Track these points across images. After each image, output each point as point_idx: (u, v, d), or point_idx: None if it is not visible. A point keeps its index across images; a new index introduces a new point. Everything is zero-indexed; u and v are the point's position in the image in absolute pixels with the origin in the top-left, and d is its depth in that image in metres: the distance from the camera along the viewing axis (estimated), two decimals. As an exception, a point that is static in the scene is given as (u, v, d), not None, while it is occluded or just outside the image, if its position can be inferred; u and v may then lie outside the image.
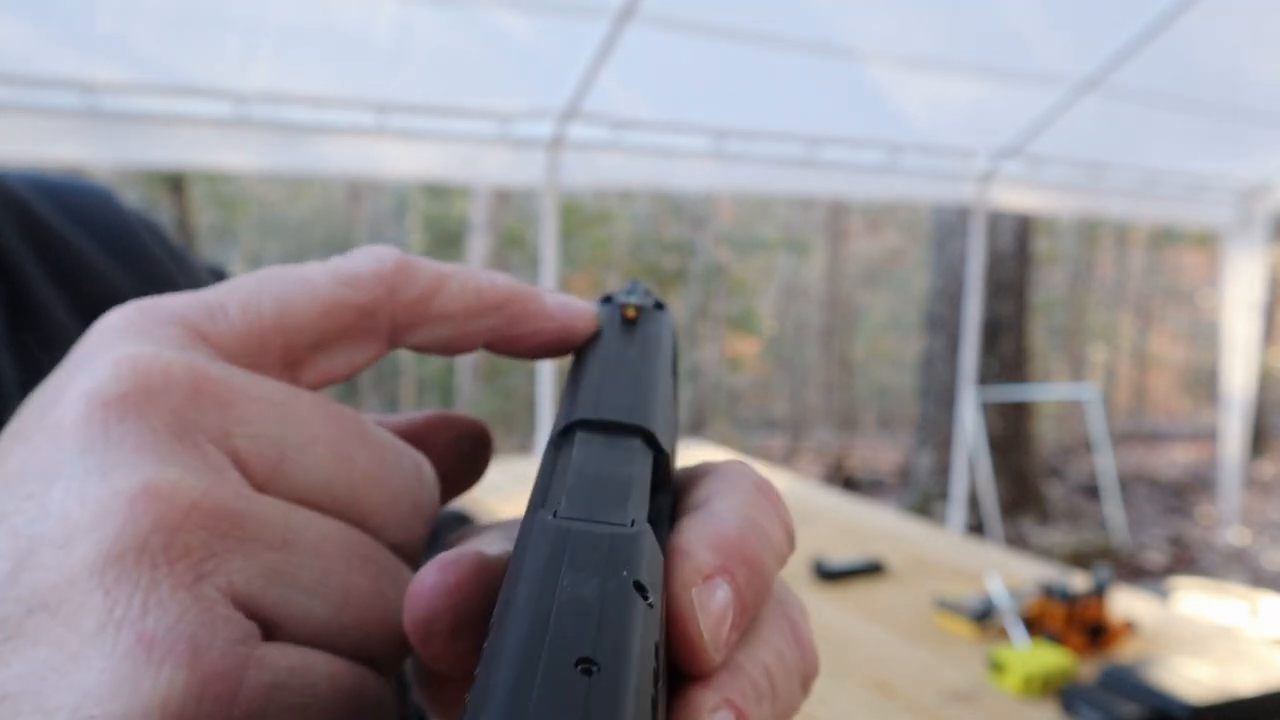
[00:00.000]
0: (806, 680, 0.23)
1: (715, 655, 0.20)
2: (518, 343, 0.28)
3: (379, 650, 0.23)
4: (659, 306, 0.30)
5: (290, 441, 0.22)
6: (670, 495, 0.24)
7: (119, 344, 0.22)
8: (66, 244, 0.47)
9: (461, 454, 0.29)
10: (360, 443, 0.24)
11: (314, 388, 0.25)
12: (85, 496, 0.19)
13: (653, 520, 0.21)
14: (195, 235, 8.73)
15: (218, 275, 0.56)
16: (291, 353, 0.24)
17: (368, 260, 0.26)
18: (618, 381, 0.25)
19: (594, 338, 0.28)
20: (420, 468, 0.26)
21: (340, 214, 12.21)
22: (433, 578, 0.21)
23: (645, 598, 0.18)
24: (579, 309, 0.28)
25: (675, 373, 0.29)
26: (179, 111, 2.91)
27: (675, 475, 0.25)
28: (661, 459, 0.23)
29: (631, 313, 0.29)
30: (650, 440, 0.24)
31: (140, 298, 0.25)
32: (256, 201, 11.90)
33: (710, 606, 0.20)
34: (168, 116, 2.89)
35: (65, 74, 2.68)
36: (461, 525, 0.60)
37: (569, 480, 0.21)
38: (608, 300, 0.30)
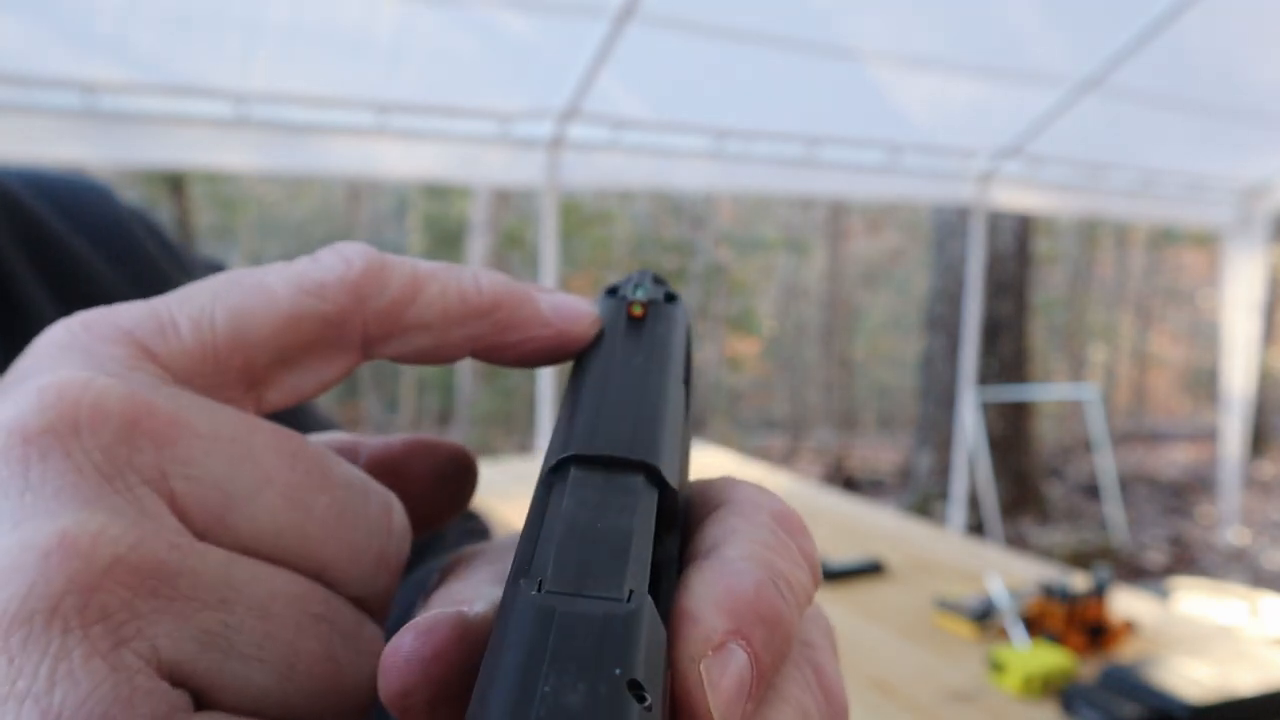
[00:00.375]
0: None
1: None
2: (508, 351, 0.25)
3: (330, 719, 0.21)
4: (670, 299, 0.27)
5: (238, 484, 0.20)
6: (678, 536, 0.21)
7: (53, 366, 0.20)
8: (60, 244, 0.46)
9: (443, 482, 0.27)
10: (320, 486, 0.21)
11: (281, 408, 0.23)
12: None
13: (656, 574, 0.19)
14: (195, 235, 8.73)
15: (216, 269, 0.56)
16: (252, 371, 0.22)
17: (334, 263, 0.23)
18: (619, 403, 0.22)
19: (596, 340, 0.25)
20: (389, 513, 0.23)
21: (340, 214, 12.21)
22: (408, 646, 0.19)
23: (642, 700, 0.16)
24: (577, 312, 0.25)
25: (689, 379, 0.26)
26: (179, 111, 2.91)
27: (688, 495, 0.23)
28: (668, 495, 0.21)
29: (638, 310, 0.26)
30: (654, 476, 0.21)
31: (134, 297, 0.23)
32: (256, 201, 11.90)
33: (722, 682, 0.18)
34: (168, 116, 2.89)
35: (65, 74, 2.68)
36: (467, 520, 0.59)
37: (558, 538, 0.19)
38: (612, 292, 0.27)
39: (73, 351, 0.20)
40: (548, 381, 3.65)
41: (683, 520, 0.22)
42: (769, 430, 11.96)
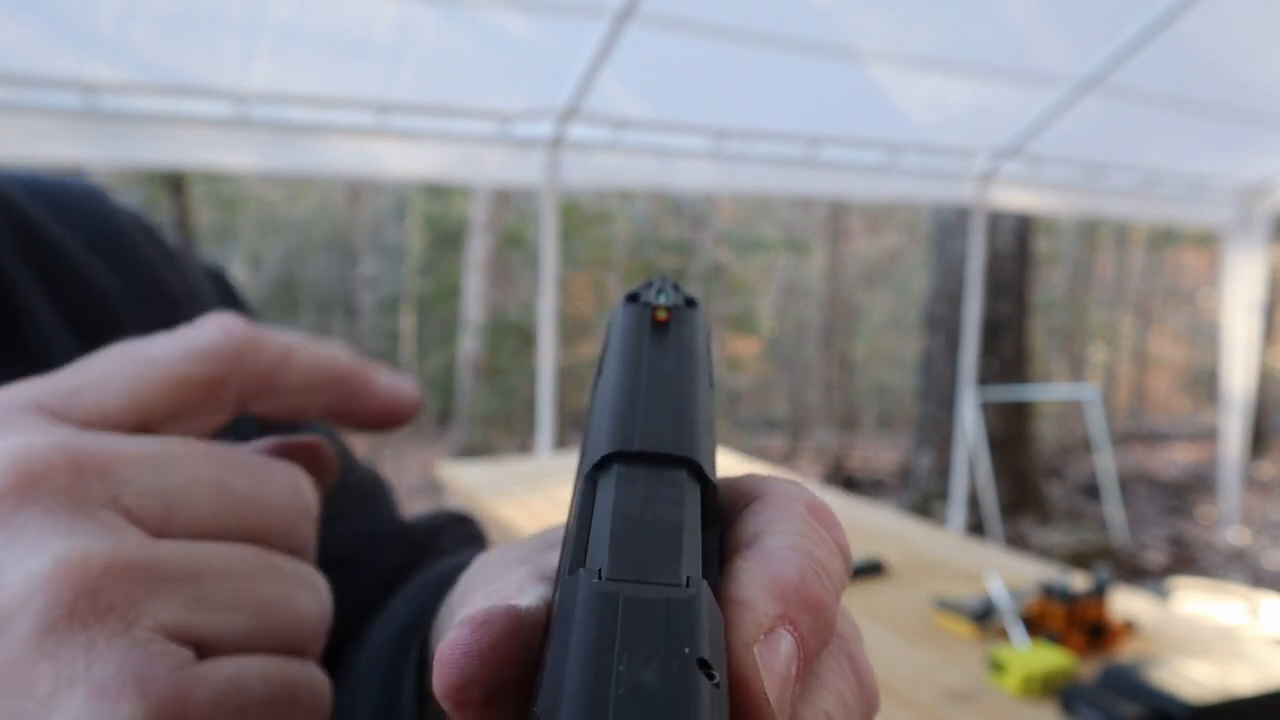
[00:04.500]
0: (868, 718, 0.22)
1: (781, 718, 0.19)
2: (350, 417, 0.31)
3: (301, 641, 0.26)
4: (690, 304, 0.28)
5: (172, 488, 0.25)
6: (718, 530, 0.22)
7: None
8: (56, 247, 0.46)
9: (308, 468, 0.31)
10: (234, 471, 0.26)
11: None
12: (6, 582, 0.22)
13: (704, 564, 0.20)
14: (195, 235, 8.73)
15: (215, 274, 0.56)
16: (146, 428, 0.27)
17: (216, 335, 0.28)
18: (655, 402, 0.23)
19: (624, 344, 0.26)
20: (294, 478, 0.28)
21: (340, 214, 12.21)
22: (465, 639, 0.20)
23: (711, 678, 0.17)
24: (405, 391, 0.31)
25: (712, 381, 0.27)
26: (179, 111, 2.91)
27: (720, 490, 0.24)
28: (709, 490, 0.22)
29: (663, 315, 0.26)
30: (696, 472, 0.22)
31: (130, 299, 0.26)
32: (256, 201, 11.89)
33: (775, 666, 0.19)
34: (168, 116, 2.89)
35: (65, 74, 2.68)
36: (462, 525, 0.59)
37: (611, 530, 0.19)
38: (633, 298, 0.28)
39: None
40: (547, 383, 3.65)
41: (721, 519, 0.23)
42: (769, 430, 11.96)
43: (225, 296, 0.55)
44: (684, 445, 0.22)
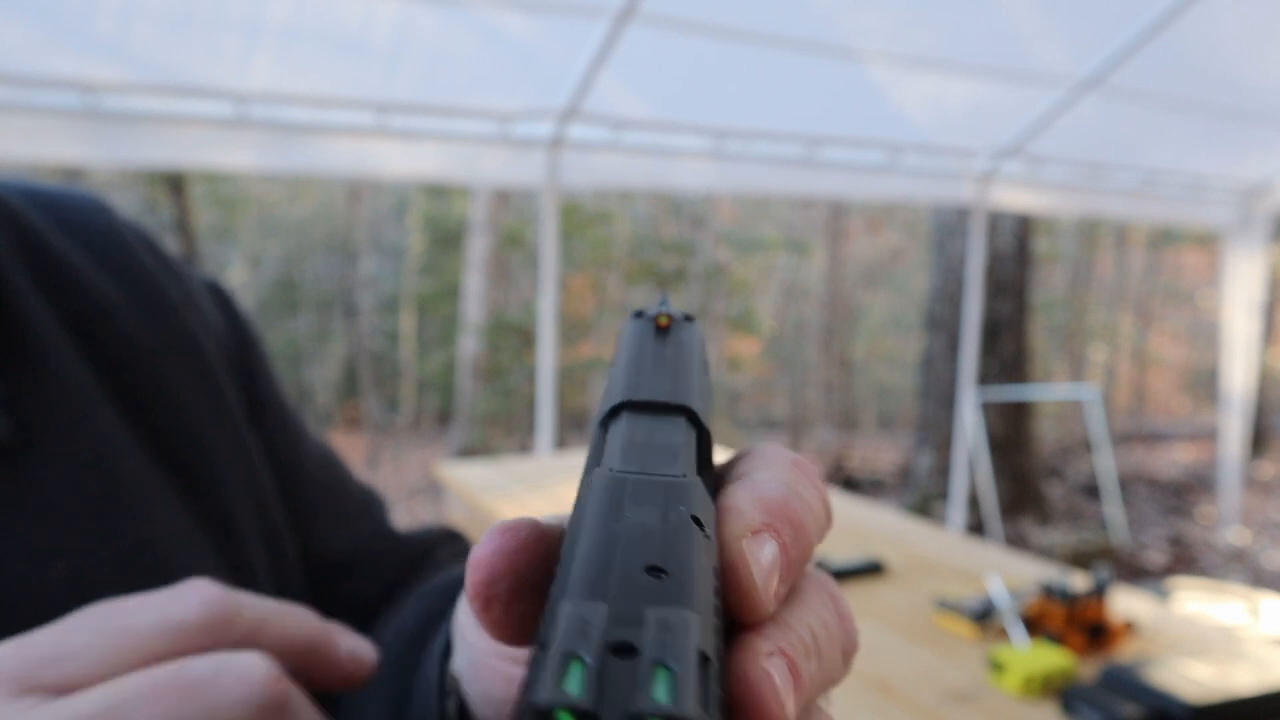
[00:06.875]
0: (848, 654, 0.24)
1: (768, 602, 0.21)
2: (314, 680, 0.33)
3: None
4: (689, 319, 0.32)
5: None
6: (712, 473, 0.25)
7: None
8: (58, 256, 0.47)
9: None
10: (181, 703, 0.30)
11: None
12: None
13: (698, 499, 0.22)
14: (195, 235, 8.72)
15: (212, 287, 0.57)
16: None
17: (195, 608, 0.29)
18: (658, 371, 0.27)
19: (630, 342, 0.30)
20: (248, 682, 0.30)
21: (340, 214, 12.20)
22: (494, 542, 0.22)
23: (703, 529, 0.19)
24: (363, 655, 0.35)
25: (707, 373, 0.31)
26: (179, 111, 2.91)
27: (714, 463, 0.27)
28: (704, 436, 0.25)
29: (664, 320, 0.31)
30: (692, 418, 0.25)
31: (130, 308, 0.26)
32: (256, 201, 11.89)
33: (761, 557, 0.21)
34: (168, 116, 2.89)
35: (65, 74, 2.68)
36: (453, 542, 0.60)
37: (620, 445, 0.23)
38: (640, 315, 0.32)
39: None
40: (547, 383, 3.65)
41: (714, 469, 0.26)
42: (769, 430, 11.96)
43: (223, 308, 0.56)
44: (682, 397, 0.25)
